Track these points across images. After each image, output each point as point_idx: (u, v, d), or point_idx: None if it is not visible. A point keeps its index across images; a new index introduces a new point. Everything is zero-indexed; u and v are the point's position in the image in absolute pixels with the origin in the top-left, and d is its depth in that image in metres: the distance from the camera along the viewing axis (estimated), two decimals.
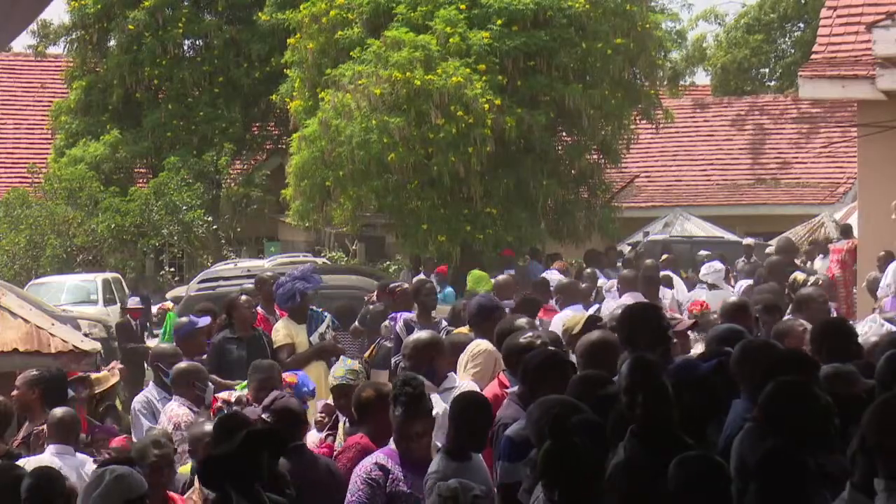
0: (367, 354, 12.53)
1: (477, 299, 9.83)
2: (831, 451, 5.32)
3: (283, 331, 11.67)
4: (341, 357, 8.52)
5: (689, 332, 9.25)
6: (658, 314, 7.42)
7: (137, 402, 9.84)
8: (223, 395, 8.27)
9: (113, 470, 5.64)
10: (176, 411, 9.00)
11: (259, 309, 12.46)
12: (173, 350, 10.37)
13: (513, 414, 6.91)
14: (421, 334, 8.65)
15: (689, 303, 15.94)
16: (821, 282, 13.83)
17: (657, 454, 5.16)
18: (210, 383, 9.40)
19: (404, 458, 6.53)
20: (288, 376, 9.11)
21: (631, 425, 5.51)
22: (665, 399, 5.48)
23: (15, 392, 9.05)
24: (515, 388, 7.25)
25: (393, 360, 11.41)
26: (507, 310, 10.45)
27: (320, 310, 12.35)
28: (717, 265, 17.56)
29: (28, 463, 7.93)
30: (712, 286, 16.36)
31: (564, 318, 10.01)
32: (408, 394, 6.45)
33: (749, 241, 23.62)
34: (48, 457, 7.93)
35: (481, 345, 8.78)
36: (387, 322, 12.69)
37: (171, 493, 6.87)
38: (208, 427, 7.15)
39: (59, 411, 8.21)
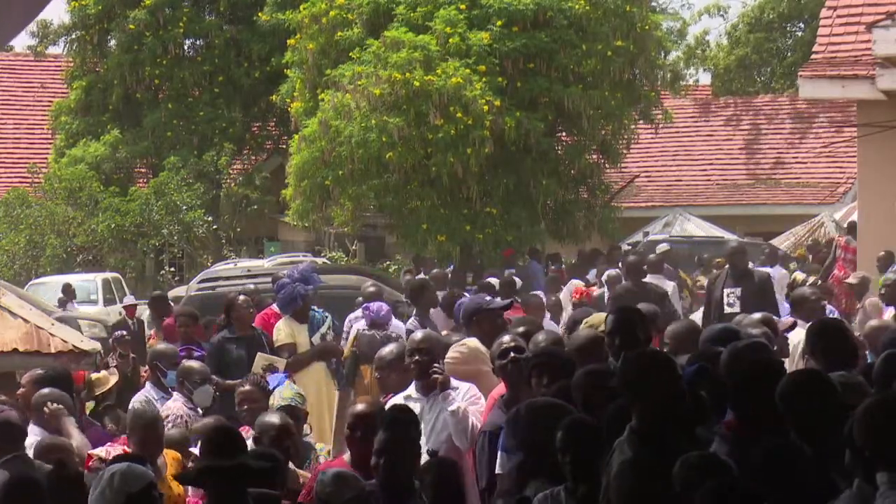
0: (349, 346, 12.38)
1: (465, 302, 9.79)
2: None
3: (284, 330, 11.66)
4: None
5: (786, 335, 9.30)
6: (639, 315, 7.44)
7: (136, 401, 9.86)
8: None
9: (110, 468, 5.61)
10: (169, 405, 9.06)
11: (274, 307, 12.45)
12: (172, 350, 10.40)
13: (495, 421, 6.94)
14: (429, 331, 8.77)
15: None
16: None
17: (660, 453, 5.15)
18: (210, 385, 9.42)
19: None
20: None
21: (630, 423, 5.50)
22: (681, 397, 5.47)
23: (21, 390, 9.08)
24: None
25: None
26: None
27: (322, 311, 12.34)
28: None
29: None
30: None
31: None
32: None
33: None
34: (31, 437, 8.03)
35: (465, 344, 8.73)
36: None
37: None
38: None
39: (44, 392, 8.36)
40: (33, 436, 8.07)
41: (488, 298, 9.47)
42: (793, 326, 9.60)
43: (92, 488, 5.54)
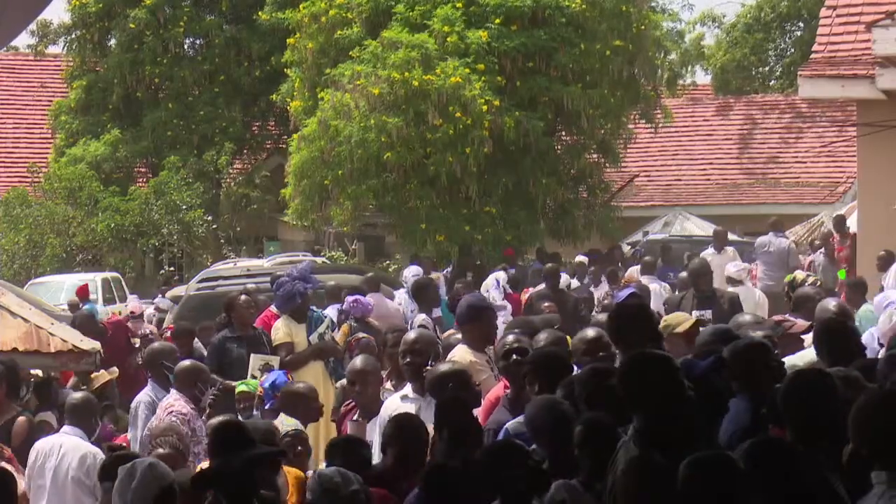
0: (341, 337, 12.34)
1: (464, 299, 9.77)
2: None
3: (282, 329, 11.65)
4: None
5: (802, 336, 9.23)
6: (648, 313, 7.44)
7: (138, 400, 9.84)
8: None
9: (143, 461, 5.55)
10: (171, 402, 9.05)
11: (273, 308, 12.44)
12: (170, 348, 10.40)
13: (500, 419, 6.94)
14: (422, 331, 8.77)
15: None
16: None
17: (664, 452, 5.15)
18: (212, 386, 9.42)
19: None
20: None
21: (633, 423, 5.49)
22: (679, 396, 5.46)
23: None
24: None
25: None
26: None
27: (320, 310, 12.34)
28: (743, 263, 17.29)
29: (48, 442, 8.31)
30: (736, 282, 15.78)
31: None
32: None
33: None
34: (61, 437, 8.27)
35: (454, 355, 8.70)
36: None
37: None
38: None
39: (77, 395, 8.63)
40: (71, 436, 8.18)
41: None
42: (809, 329, 9.46)
43: (122, 480, 5.44)
